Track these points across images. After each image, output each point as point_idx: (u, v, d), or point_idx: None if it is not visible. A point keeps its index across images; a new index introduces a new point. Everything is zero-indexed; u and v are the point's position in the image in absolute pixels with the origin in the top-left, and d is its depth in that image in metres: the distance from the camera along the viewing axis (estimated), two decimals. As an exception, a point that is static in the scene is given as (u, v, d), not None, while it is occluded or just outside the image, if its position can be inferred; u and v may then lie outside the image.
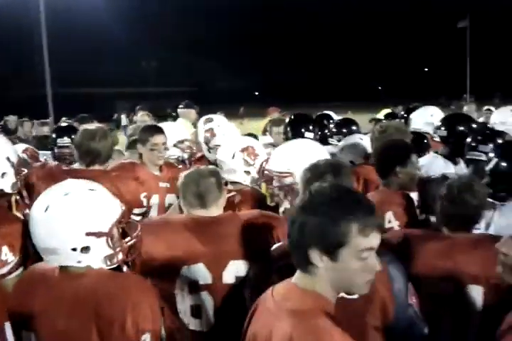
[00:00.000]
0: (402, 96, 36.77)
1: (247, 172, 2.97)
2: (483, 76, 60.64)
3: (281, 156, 2.67)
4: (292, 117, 4.61)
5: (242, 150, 2.97)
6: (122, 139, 7.48)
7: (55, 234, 1.71)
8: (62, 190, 1.80)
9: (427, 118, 4.30)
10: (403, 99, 27.00)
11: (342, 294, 1.49)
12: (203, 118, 4.11)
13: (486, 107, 9.29)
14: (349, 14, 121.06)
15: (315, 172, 2.08)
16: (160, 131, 3.65)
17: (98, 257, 1.77)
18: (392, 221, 2.61)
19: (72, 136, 3.72)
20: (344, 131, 4.52)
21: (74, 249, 1.72)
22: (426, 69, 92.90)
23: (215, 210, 2.34)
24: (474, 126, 3.74)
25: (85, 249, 1.74)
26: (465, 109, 8.34)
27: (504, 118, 4.42)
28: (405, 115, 5.60)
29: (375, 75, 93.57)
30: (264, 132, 6.39)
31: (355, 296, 1.59)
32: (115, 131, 7.99)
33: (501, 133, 3.47)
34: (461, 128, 3.62)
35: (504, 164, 2.60)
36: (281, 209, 2.61)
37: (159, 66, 72.62)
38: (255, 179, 2.98)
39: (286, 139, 4.04)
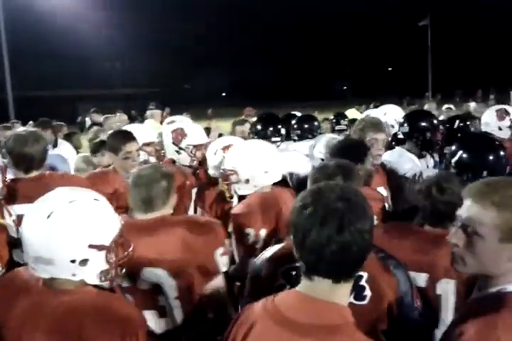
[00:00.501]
0: (367, 96, 37.30)
1: None
2: (445, 74, 62.08)
3: (229, 155, 2.82)
4: (261, 116, 4.70)
5: (224, 149, 3.19)
6: (87, 143, 7.35)
7: (55, 242, 1.60)
8: (67, 197, 1.69)
9: (380, 117, 4.42)
10: (369, 98, 27.41)
11: (351, 300, 1.52)
12: (168, 119, 4.13)
13: (446, 106, 9.55)
14: (314, 14, 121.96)
15: (324, 173, 2.06)
16: (132, 137, 3.56)
17: (94, 272, 1.69)
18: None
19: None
20: (306, 126, 4.63)
21: (73, 261, 1.63)
22: (390, 69, 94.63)
23: (158, 214, 2.32)
24: (435, 121, 3.85)
25: (84, 262, 1.65)
26: (426, 107, 8.58)
27: (489, 120, 4.45)
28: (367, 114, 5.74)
29: (341, 75, 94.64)
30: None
31: (365, 301, 1.64)
32: (79, 135, 7.82)
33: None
34: (423, 124, 3.73)
35: (467, 155, 2.73)
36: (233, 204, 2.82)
37: (124, 67, 71.61)
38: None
39: (257, 137, 4.19)
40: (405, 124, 3.80)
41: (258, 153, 2.77)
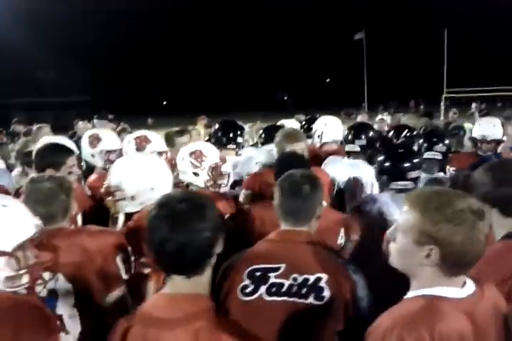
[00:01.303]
0: (307, 106, 38.04)
1: (196, 174, 3.18)
2: (380, 86, 64.52)
3: (113, 171, 2.67)
4: (219, 124, 4.66)
5: (190, 154, 3.20)
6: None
7: None
8: None
9: (321, 127, 4.53)
10: (308, 108, 27.96)
11: (311, 300, 1.69)
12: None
13: (379, 117, 9.86)
14: (254, 28, 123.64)
15: (291, 182, 2.03)
16: (71, 150, 3.42)
17: None
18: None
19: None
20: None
21: None
22: (328, 80, 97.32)
23: (61, 222, 2.24)
24: (372, 133, 3.98)
25: None
26: (359, 118, 8.77)
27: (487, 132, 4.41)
28: (306, 124, 5.86)
29: (282, 86, 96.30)
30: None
31: (323, 302, 1.75)
32: (7, 145, 7.41)
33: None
34: (372, 135, 4.01)
35: (380, 161, 3.04)
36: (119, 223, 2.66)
37: (56, 76, 69.21)
38: (205, 180, 3.19)
39: (215, 144, 4.01)
40: (362, 136, 3.88)
41: (144, 168, 2.62)
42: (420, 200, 1.36)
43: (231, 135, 4.32)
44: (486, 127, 4.42)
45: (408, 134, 4.76)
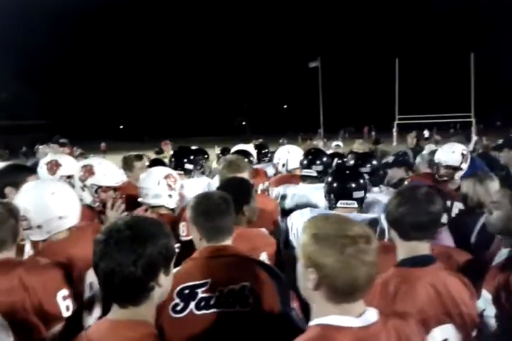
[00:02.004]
0: (265, 131, 38.55)
1: (170, 196, 3.24)
2: (335, 112, 66.26)
3: (18, 200, 2.53)
4: (176, 149, 4.69)
5: (165, 177, 3.25)
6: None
7: None
8: None
9: (284, 155, 4.65)
10: (267, 133, 28.38)
11: (238, 308, 1.82)
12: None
13: (335, 143, 10.11)
14: (214, 54, 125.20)
15: (208, 203, 2.08)
16: (32, 170, 3.33)
17: None
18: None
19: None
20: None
21: None
22: (285, 106, 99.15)
23: (10, 248, 2.17)
24: (326, 159, 4.09)
25: None
26: (314, 143, 8.96)
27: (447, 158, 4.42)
28: (256, 150, 5.95)
29: (240, 112, 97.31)
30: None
31: (249, 308, 1.87)
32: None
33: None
34: (326, 160, 4.08)
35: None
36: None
37: (11, 98, 67.48)
38: (176, 201, 3.28)
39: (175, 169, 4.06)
40: (318, 162, 4.00)
41: (51, 197, 2.53)
42: (308, 226, 1.41)
43: (180, 161, 4.37)
44: (445, 152, 4.54)
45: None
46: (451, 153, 4.46)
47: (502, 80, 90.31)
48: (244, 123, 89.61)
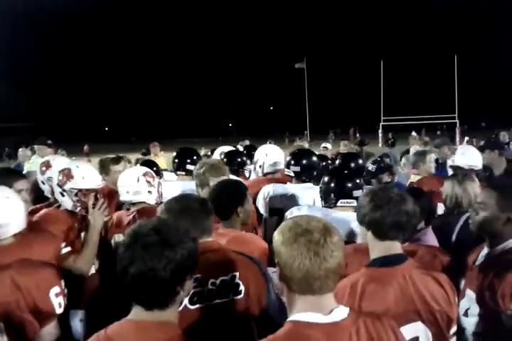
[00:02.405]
0: (252, 133, 38.61)
1: (150, 192, 3.38)
2: (321, 114, 66.54)
3: None
4: (178, 151, 4.70)
5: (144, 175, 3.39)
6: None
7: None
8: None
9: (262, 157, 4.53)
10: (253, 135, 28.43)
11: (231, 297, 1.97)
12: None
13: (323, 144, 10.12)
14: (201, 56, 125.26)
15: (184, 203, 2.13)
16: (21, 175, 3.27)
17: None
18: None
19: None
20: None
21: None
22: (271, 108, 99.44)
23: None
24: (315, 159, 4.07)
25: None
26: (299, 145, 8.84)
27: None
28: (245, 151, 5.92)
29: (227, 113, 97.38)
30: None
31: (241, 295, 2.00)
32: None
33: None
34: (310, 161, 4.00)
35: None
36: None
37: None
38: (156, 197, 3.41)
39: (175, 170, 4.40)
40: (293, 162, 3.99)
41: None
42: (282, 225, 1.49)
43: (182, 162, 4.38)
44: (466, 156, 4.59)
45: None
46: (473, 156, 4.56)
47: (486, 82, 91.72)
48: (230, 125, 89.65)
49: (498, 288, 2.05)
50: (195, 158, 4.50)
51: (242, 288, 2.03)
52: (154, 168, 4.75)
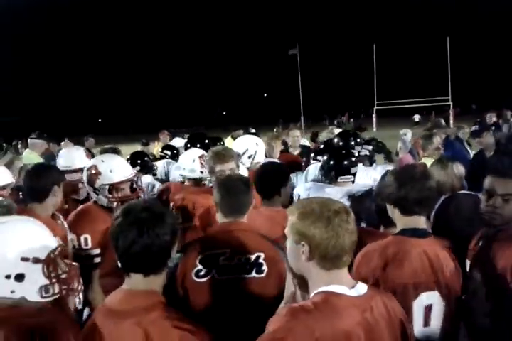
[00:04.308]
0: (245, 121, 38.44)
1: (202, 172, 3.71)
2: (315, 100, 66.32)
3: None
4: (189, 136, 5.19)
5: (200, 157, 3.75)
6: None
7: None
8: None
9: (252, 145, 4.51)
10: (247, 123, 28.27)
11: (253, 274, 2.16)
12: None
13: (330, 127, 9.93)
14: (194, 44, 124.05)
15: (229, 184, 2.33)
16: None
17: (33, 287, 1.63)
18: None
19: None
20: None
21: (8, 277, 1.60)
22: (265, 95, 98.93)
23: None
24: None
25: (19, 277, 1.61)
26: (290, 133, 8.56)
27: None
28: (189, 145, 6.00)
29: (220, 102, 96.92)
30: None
31: (263, 274, 2.17)
32: None
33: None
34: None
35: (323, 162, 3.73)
36: None
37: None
38: (206, 176, 3.71)
39: None
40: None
41: None
42: (294, 208, 1.60)
43: (193, 147, 4.44)
44: None
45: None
46: None
47: (477, 64, 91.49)
48: (224, 113, 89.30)
49: (501, 264, 2.06)
50: (206, 142, 4.76)
51: (264, 268, 2.19)
52: (146, 158, 4.86)
